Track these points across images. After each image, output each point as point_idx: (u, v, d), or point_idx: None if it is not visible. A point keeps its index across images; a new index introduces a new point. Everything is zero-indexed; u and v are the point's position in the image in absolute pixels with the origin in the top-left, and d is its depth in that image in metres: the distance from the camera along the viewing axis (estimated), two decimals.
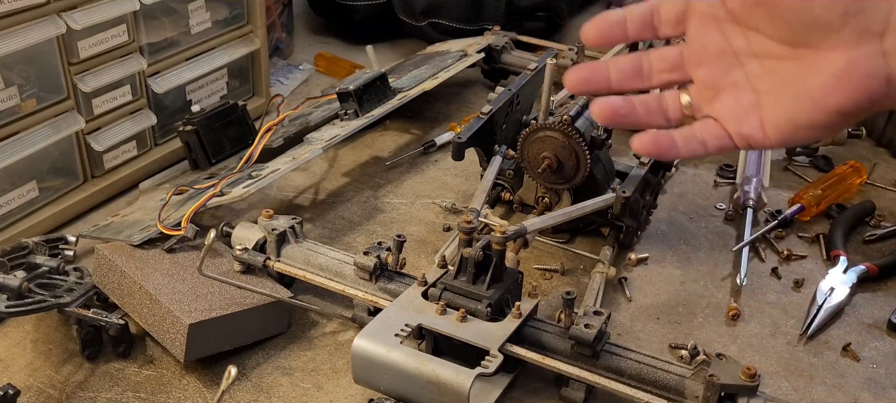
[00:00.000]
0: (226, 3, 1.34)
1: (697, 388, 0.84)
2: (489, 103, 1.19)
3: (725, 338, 1.03)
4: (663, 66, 0.60)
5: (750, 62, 0.57)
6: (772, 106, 0.56)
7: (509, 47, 1.60)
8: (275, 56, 1.68)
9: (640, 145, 0.60)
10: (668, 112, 0.60)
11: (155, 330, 0.93)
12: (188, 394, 0.92)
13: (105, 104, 1.19)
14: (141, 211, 1.15)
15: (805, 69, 0.54)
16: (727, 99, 0.58)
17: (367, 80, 1.27)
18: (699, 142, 0.59)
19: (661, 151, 0.60)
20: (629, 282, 1.12)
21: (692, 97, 0.60)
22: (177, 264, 1.00)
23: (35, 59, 1.08)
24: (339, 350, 0.99)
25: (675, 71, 0.60)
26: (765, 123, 0.56)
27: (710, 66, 0.58)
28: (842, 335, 1.04)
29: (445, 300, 0.89)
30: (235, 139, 1.26)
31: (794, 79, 0.54)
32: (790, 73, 0.54)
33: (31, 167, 1.12)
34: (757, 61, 0.56)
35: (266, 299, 0.97)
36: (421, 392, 0.80)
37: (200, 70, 1.32)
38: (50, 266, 0.97)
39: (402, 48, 1.78)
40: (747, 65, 0.57)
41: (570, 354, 0.88)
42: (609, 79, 0.60)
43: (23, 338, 0.98)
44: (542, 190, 1.17)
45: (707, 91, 0.59)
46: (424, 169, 1.37)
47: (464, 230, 0.91)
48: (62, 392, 0.91)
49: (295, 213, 1.13)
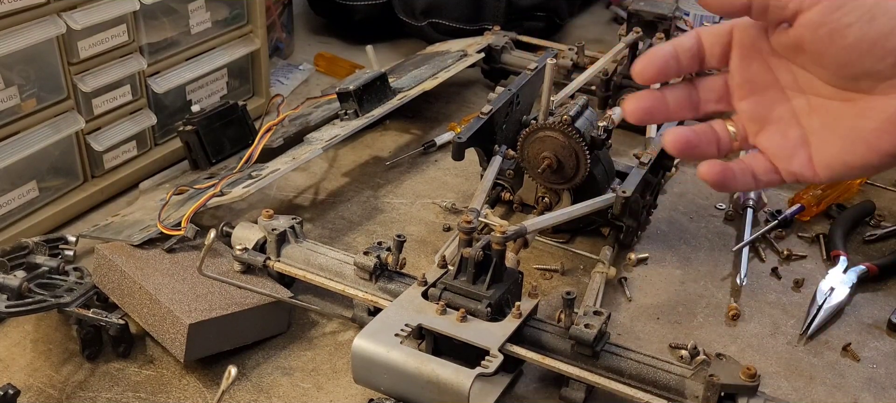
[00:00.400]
0: (226, 3, 1.34)
1: (697, 388, 0.84)
2: (489, 103, 1.19)
3: (725, 338, 1.03)
4: (711, 97, 0.60)
5: (796, 97, 0.56)
6: (821, 144, 0.55)
7: (509, 47, 1.60)
8: (275, 56, 1.68)
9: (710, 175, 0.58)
10: (720, 142, 0.60)
11: (155, 330, 0.93)
12: (188, 394, 0.92)
13: (105, 104, 1.19)
14: (141, 211, 1.15)
15: (856, 111, 0.53)
16: (773, 133, 0.57)
17: (367, 80, 1.27)
18: (752, 176, 0.59)
19: (726, 183, 0.59)
20: (629, 282, 1.12)
21: (737, 128, 0.59)
22: (177, 264, 1.00)
23: (35, 59, 1.08)
24: (339, 350, 0.99)
25: (722, 101, 0.60)
26: (814, 161, 0.56)
27: (755, 99, 0.58)
28: (842, 335, 1.04)
29: (445, 300, 0.89)
30: (235, 139, 1.26)
31: (844, 119, 0.54)
32: (840, 114, 0.54)
33: (31, 167, 1.12)
34: (804, 97, 0.56)
35: (266, 299, 0.97)
36: (421, 392, 0.80)
37: (200, 70, 1.32)
38: (50, 266, 0.97)
39: (402, 48, 1.78)
40: (794, 99, 0.56)
41: (570, 354, 0.88)
42: (668, 109, 0.61)
43: (23, 338, 0.98)
44: (542, 190, 1.17)
45: (752, 124, 0.59)
46: (424, 169, 1.37)
47: (464, 230, 0.91)
48: (62, 392, 0.91)
49: (295, 213, 1.13)
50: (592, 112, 1.12)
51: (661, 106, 0.61)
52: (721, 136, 0.60)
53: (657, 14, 1.44)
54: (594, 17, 2.03)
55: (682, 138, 0.59)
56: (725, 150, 0.61)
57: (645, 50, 1.40)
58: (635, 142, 1.44)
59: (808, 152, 0.56)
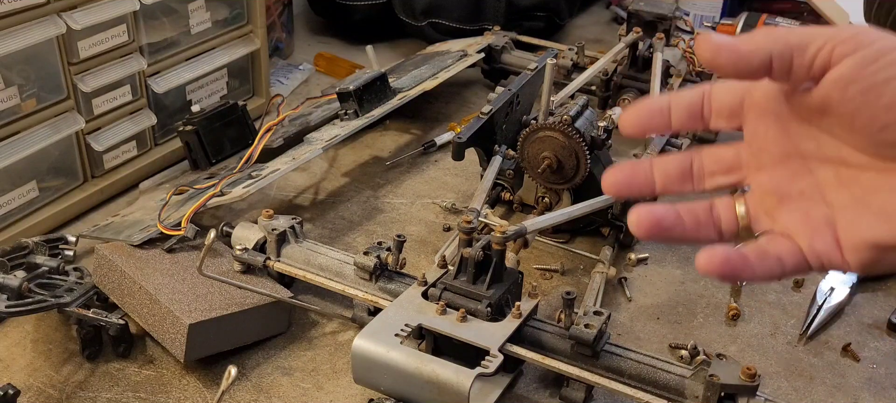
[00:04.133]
0: (226, 3, 1.34)
1: (697, 388, 0.84)
2: (489, 103, 1.19)
3: (725, 338, 1.03)
4: (717, 169, 0.51)
5: (821, 169, 0.47)
6: (850, 223, 0.46)
7: (509, 47, 1.60)
8: (275, 56, 1.68)
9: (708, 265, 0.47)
10: (721, 224, 0.50)
11: (155, 330, 0.93)
12: (188, 394, 0.92)
13: (105, 104, 1.19)
14: (141, 211, 1.15)
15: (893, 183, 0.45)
16: (794, 212, 0.48)
17: (367, 80, 1.27)
18: (776, 260, 0.48)
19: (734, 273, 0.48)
20: (629, 282, 1.12)
21: (748, 207, 0.50)
22: (177, 264, 1.00)
23: (35, 58, 1.08)
24: (339, 350, 0.99)
25: (732, 174, 0.51)
26: (842, 244, 0.46)
27: (774, 171, 0.49)
28: (842, 335, 1.04)
29: (445, 300, 0.89)
30: (235, 139, 1.26)
31: (879, 193, 0.45)
32: (874, 186, 0.45)
33: (31, 167, 1.12)
34: (830, 168, 0.47)
35: (266, 299, 0.97)
36: (421, 392, 0.80)
37: (200, 70, 1.32)
38: (50, 266, 0.97)
39: (402, 48, 1.78)
40: (817, 171, 0.47)
41: (570, 354, 0.88)
42: (652, 183, 0.52)
43: (23, 338, 0.98)
44: (542, 190, 1.17)
45: (768, 198, 0.49)
46: (424, 169, 1.37)
47: (464, 230, 0.91)
48: (62, 392, 0.91)
49: (295, 213, 1.13)
50: (592, 112, 1.12)
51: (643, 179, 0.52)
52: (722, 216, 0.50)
53: (657, 14, 1.44)
54: (594, 17, 2.03)
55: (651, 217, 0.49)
56: (729, 234, 0.51)
57: (644, 49, 1.41)
58: (635, 142, 1.43)
59: (834, 234, 0.46)
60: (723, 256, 0.47)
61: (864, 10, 1.39)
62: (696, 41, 0.46)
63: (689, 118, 0.50)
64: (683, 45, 1.44)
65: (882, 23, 1.30)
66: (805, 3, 1.82)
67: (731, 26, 1.79)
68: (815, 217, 0.47)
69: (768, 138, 0.48)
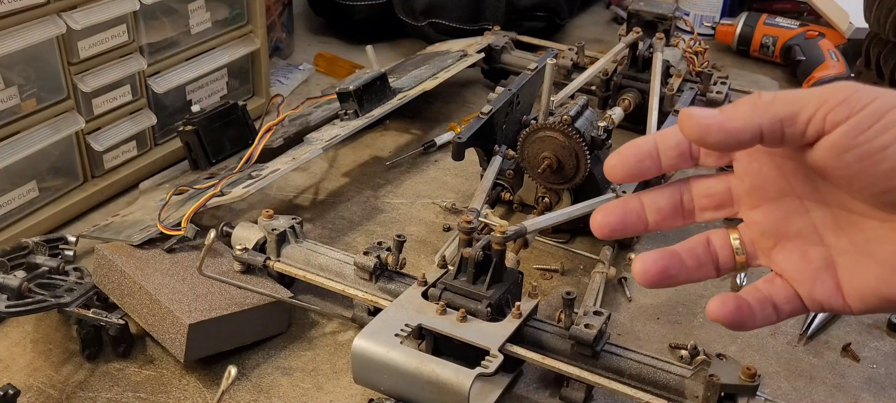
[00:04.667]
0: (226, 3, 1.34)
1: (697, 388, 0.84)
2: (489, 103, 1.19)
3: (725, 338, 1.03)
4: (708, 204, 0.50)
5: (818, 209, 0.46)
6: (853, 270, 0.45)
7: (509, 47, 1.60)
8: (275, 56, 1.68)
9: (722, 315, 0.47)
10: (719, 261, 0.50)
11: (155, 330, 0.93)
12: (188, 394, 0.92)
13: (105, 104, 1.19)
14: (141, 211, 1.15)
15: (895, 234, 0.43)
16: (791, 253, 0.47)
17: (367, 80, 1.27)
18: (773, 308, 0.48)
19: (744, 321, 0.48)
20: (629, 282, 1.12)
21: (744, 240, 0.49)
22: (177, 264, 1.00)
23: (35, 58, 1.08)
24: (339, 350, 0.99)
25: (723, 209, 0.50)
26: (845, 290, 0.46)
27: (768, 210, 0.48)
28: (842, 335, 1.04)
29: (445, 300, 0.89)
30: (235, 139, 1.26)
31: (882, 243, 0.44)
32: (877, 237, 0.44)
33: (31, 167, 1.12)
34: (828, 210, 0.46)
35: (266, 299, 0.97)
36: (421, 392, 0.80)
37: (200, 70, 1.32)
38: (50, 266, 0.97)
39: (402, 48, 1.78)
40: (814, 212, 0.46)
41: (570, 354, 0.88)
42: (645, 221, 0.50)
43: (23, 338, 0.98)
44: (542, 190, 1.17)
45: (764, 239, 0.48)
46: (424, 169, 1.37)
47: (464, 230, 0.91)
48: (62, 392, 0.91)
49: (295, 213, 1.13)
50: (592, 112, 1.12)
51: (636, 219, 0.50)
52: (719, 253, 0.50)
53: (657, 14, 1.44)
54: (594, 17, 2.03)
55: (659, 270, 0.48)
56: (727, 269, 0.50)
57: (644, 49, 1.41)
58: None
59: (834, 278, 0.46)
60: (734, 303, 0.47)
61: (864, 10, 1.39)
62: (680, 121, 0.44)
63: (679, 156, 0.48)
64: (683, 45, 1.44)
65: (882, 23, 1.30)
66: (805, 2, 1.82)
67: (730, 26, 1.79)
68: (814, 258, 0.46)
69: (761, 176, 0.47)
